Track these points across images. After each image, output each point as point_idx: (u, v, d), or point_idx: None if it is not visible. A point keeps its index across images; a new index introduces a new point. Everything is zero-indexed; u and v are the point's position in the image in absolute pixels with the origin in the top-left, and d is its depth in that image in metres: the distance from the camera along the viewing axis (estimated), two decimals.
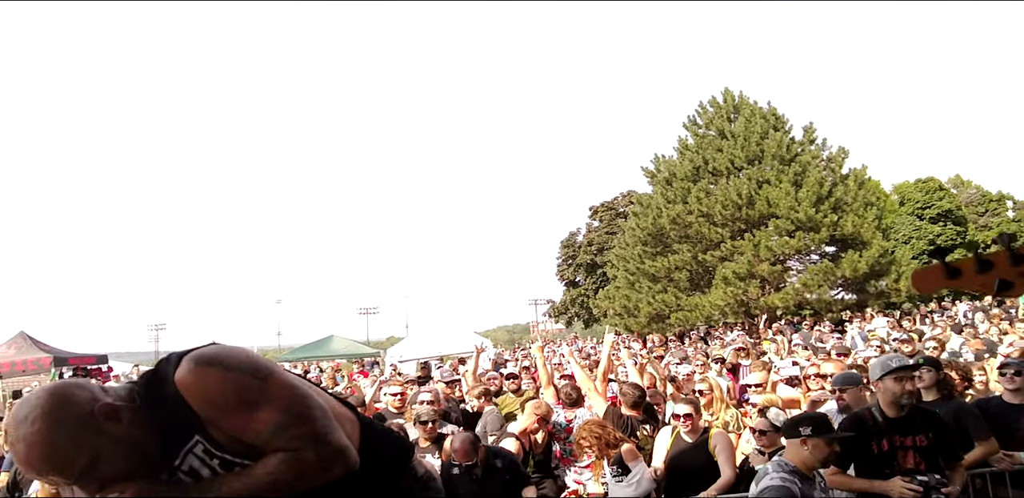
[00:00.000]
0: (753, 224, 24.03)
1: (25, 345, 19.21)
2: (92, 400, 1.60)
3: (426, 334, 24.61)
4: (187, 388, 1.62)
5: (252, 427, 1.64)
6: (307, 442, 1.66)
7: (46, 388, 1.62)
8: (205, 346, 1.74)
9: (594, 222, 48.12)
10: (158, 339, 60.75)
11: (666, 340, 20.70)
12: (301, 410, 1.69)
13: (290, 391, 1.70)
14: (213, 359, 1.65)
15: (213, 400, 1.63)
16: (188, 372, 1.63)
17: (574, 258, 47.80)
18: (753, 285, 23.08)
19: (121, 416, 1.61)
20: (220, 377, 1.63)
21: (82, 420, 1.57)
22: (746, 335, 17.01)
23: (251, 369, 1.67)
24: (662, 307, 25.78)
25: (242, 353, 1.72)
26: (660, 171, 28.27)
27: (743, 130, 25.40)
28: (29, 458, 1.54)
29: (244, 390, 1.64)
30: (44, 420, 1.54)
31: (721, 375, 9.05)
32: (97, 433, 1.57)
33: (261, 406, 1.64)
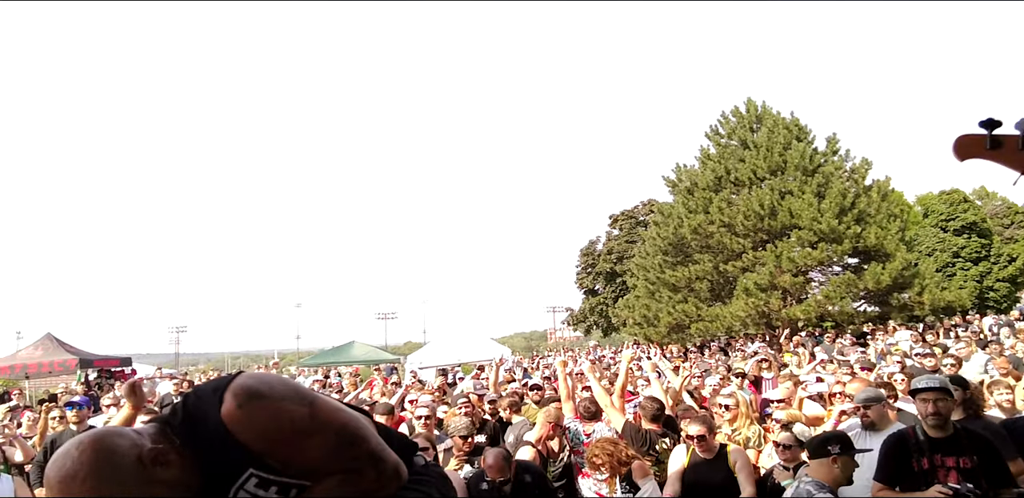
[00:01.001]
0: (775, 235, 23.90)
1: (52, 347, 19.53)
2: (135, 447, 1.55)
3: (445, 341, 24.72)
4: (237, 424, 1.59)
5: (308, 454, 1.64)
6: (365, 462, 1.69)
7: (86, 441, 1.54)
8: (236, 378, 1.69)
9: (614, 231, 48.02)
10: (179, 341, 61.23)
11: (685, 351, 20.64)
12: (353, 432, 1.71)
13: (337, 414, 1.71)
14: (258, 392, 1.61)
15: (266, 434, 1.60)
16: (236, 408, 1.59)
17: (593, 266, 47.70)
18: (775, 296, 22.94)
19: (170, 460, 1.57)
20: (270, 410, 1.60)
21: (131, 470, 1.52)
22: (767, 347, 16.91)
23: (296, 397, 1.65)
24: (682, 317, 25.65)
25: (280, 381, 1.70)
26: (681, 180, 28.18)
27: (766, 140, 25.30)
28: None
29: (296, 420, 1.61)
30: (93, 477, 1.48)
31: (742, 388, 9.03)
32: (148, 482, 1.53)
33: (314, 433, 1.63)
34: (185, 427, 1.62)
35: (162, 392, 13.82)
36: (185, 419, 1.64)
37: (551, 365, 18.53)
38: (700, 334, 25.63)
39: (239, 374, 1.70)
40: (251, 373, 1.71)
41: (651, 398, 5.98)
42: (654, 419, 5.70)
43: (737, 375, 9.62)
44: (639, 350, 24.19)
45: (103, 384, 18.44)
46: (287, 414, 1.60)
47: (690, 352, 20.55)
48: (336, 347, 24.92)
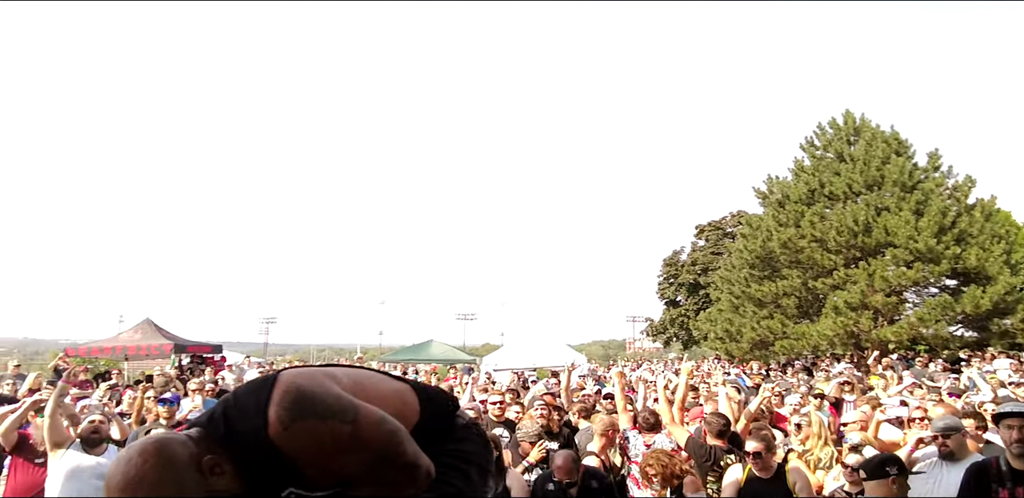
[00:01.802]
0: (869, 252, 22.97)
1: (150, 331, 20.58)
2: (193, 455, 1.60)
3: (521, 345, 24.83)
4: (282, 442, 1.62)
5: (347, 469, 1.70)
6: (400, 475, 1.74)
7: (149, 449, 1.59)
8: (277, 385, 1.70)
9: (700, 241, 47.18)
10: (268, 332, 63.52)
11: (767, 369, 20.06)
12: (393, 448, 1.73)
13: (378, 429, 1.72)
14: (305, 411, 1.63)
15: (310, 452, 1.64)
16: (284, 429, 1.61)
17: (676, 277, 46.97)
18: (865, 316, 22.03)
19: (224, 469, 1.62)
20: (313, 431, 1.62)
21: (191, 479, 1.57)
22: (853, 368, 16.28)
23: (341, 413, 1.66)
24: (766, 334, 24.95)
25: (326, 393, 1.70)
26: (773, 192, 27.45)
27: (863, 154, 24.36)
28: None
29: (339, 439, 1.64)
30: (156, 484, 1.53)
31: (821, 409, 8.75)
32: (206, 490, 1.58)
33: (355, 452, 1.67)
34: (228, 437, 1.65)
35: (248, 379, 14.39)
36: (228, 429, 1.67)
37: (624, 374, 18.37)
38: (784, 352, 24.85)
39: (280, 378, 1.72)
40: (295, 378, 1.71)
41: (718, 413, 5.88)
42: (720, 435, 5.59)
43: (816, 396, 9.32)
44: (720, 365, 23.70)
45: (195, 369, 19.31)
46: (331, 432, 1.62)
47: (771, 370, 19.94)
48: (416, 345, 25.43)
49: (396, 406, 1.92)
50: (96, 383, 13.04)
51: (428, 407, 2.04)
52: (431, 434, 1.99)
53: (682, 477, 4.89)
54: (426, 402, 2.05)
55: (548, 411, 6.75)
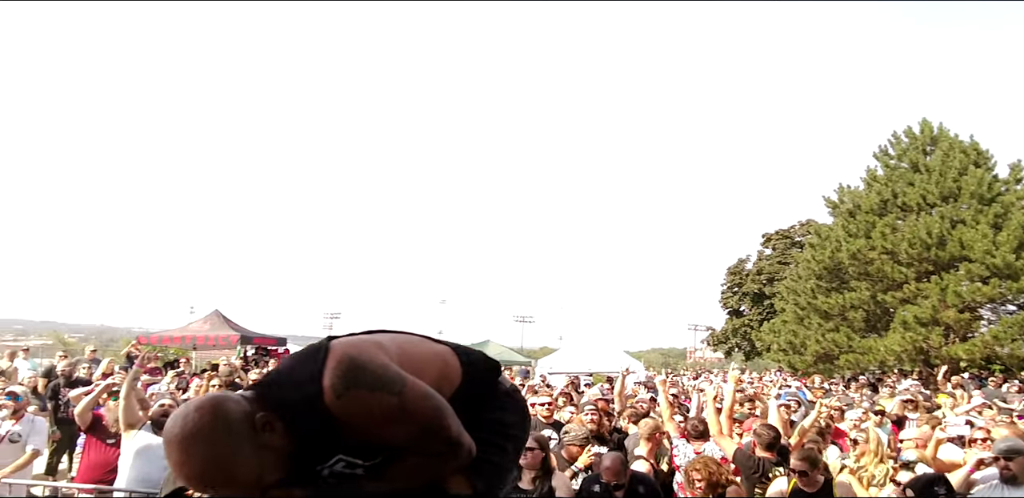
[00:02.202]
0: (942, 266, 22.13)
1: (218, 322, 21.24)
2: (246, 413, 1.67)
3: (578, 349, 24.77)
4: (336, 410, 1.69)
5: (393, 439, 1.79)
6: (443, 449, 1.82)
7: (205, 405, 1.66)
8: (331, 352, 1.77)
9: (766, 250, 46.24)
10: (331, 327, 64.55)
11: (829, 383, 19.52)
12: (437, 422, 1.80)
13: (425, 403, 1.79)
14: (356, 380, 1.70)
15: (360, 420, 1.72)
16: (337, 398, 1.68)
17: (740, 286, 46.13)
18: (936, 332, 21.24)
19: (276, 427, 1.69)
20: (364, 400, 1.70)
21: (244, 435, 1.64)
22: (921, 386, 15.74)
23: (388, 383, 1.73)
24: (831, 347, 24.29)
25: (376, 364, 1.76)
26: (843, 202, 26.70)
27: (939, 164, 23.48)
28: (200, 476, 1.60)
29: (387, 410, 1.71)
30: (210, 437, 1.60)
31: (882, 426, 8.52)
32: (259, 446, 1.65)
33: (402, 423, 1.74)
34: (281, 402, 1.73)
35: None
36: (282, 394, 1.75)
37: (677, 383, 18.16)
38: (849, 366, 24.15)
39: (332, 348, 1.78)
40: (348, 349, 1.78)
41: (767, 425, 5.79)
42: (769, 447, 5.52)
43: (877, 412, 9.09)
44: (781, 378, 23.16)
45: (259, 360, 19.88)
46: (379, 404, 1.70)
47: (832, 383, 19.42)
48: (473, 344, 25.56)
49: (439, 368, 2.00)
50: (165, 370, 13.58)
51: (470, 370, 2.10)
52: (473, 397, 2.07)
53: (726, 486, 4.86)
54: (468, 366, 2.11)
55: (599, 416, 6.75)
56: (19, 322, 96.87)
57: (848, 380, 22.45)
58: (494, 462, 2.06)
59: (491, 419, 2.11)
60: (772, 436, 5.55)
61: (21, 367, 12.19)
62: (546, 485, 5.02)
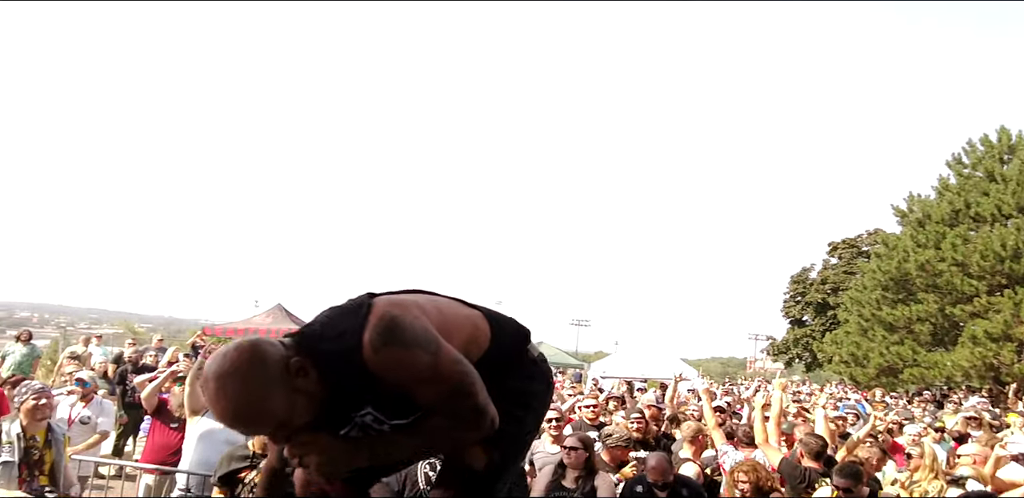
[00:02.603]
0: (1016, 280, 21.22)
1: (280, 316, 21.71)
2: (283, 356, 1.74)
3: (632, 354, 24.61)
4: (372, 365, 1.76)
5: (422, 398, 1.85)
6: (468, 414, 1.85)
7: (244, 346, 1.74)
8: (374, 308, 1.83)
9: (832, 259, 45.08)
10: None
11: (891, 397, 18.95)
12: (465, 387, 1.84)
13: (456, 367, 1.84)
14: (395, 338, 1.76)
15: (393, 375, 1.79)
16: (373, 352, 1.75)
17: (803, 295, 45.08)
18: (1008, 348, 20.39)
19: (310, 373, 1.76)
20: (401, 357, 1.76)
21: (278, 377, 1.70)
22: (989, 404, 15.16)
23: (425, 343, 1.79)
24: (895, 360, 23.60)
25: (415, 324, 1.81)
26: (913, 211, 25.95)
27: (1017, 173, 22.52)
28: (233, 412, 1.68)
29: (420, 369, 1.77)
30: (244, 377, 1.67)
31: (941, 442, 8.28)
32: (292, 389, 1.71)
33: (432, 383, 1.80)
34: (319, 351, 1.80)
35: None
36: (322, 345, 1.81)
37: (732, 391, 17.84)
38: (914, 381, 23.40)
39: (376, 305, 1.85)
40: (390, 307, 1.84)
41: (814, 434, 5.71)
42: (816, 456, 5.43)
43: (937, 429, 8.83)
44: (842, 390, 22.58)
45: None
46: (413, 363, 1.76)
47: (894, 398, 18.83)
48: None
49: (469, 332, 2.05)
50: None
51: (499, 335, 2.14)
52: (499, 363, 2.10)
53: (769, 493, 4.81)
54: (498, 329, 2.15)
55: (644, 422, 6.75)
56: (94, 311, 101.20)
57: (912, 395, 21.75)
58: (512, 434, 2.09)
59: (516, 389, 2.14)
60: (820, 445, 5.46)
61: (94, 353, 12.75)
62: (588, 484, 5.05)
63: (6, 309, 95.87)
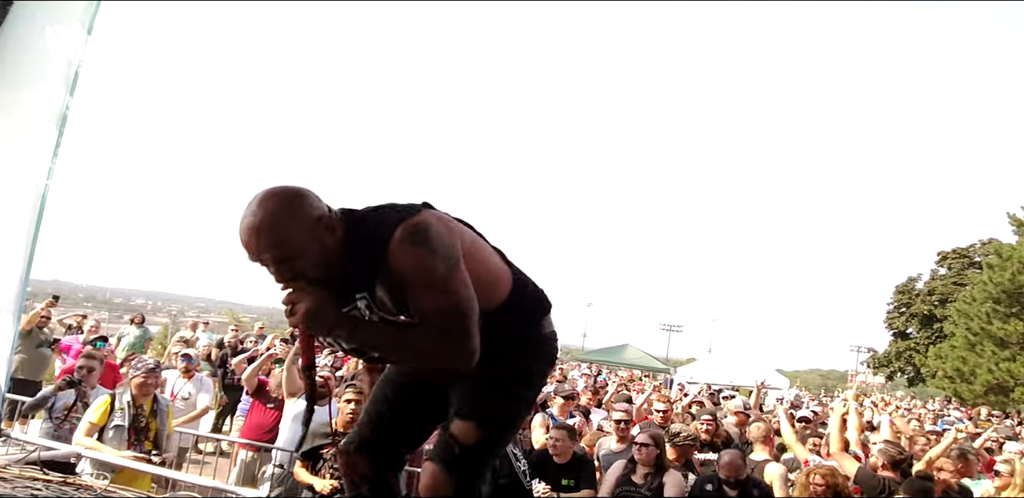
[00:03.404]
0: None
1: None
2: (322, 209, 1.87)
3: (723, 361, 24.13)
4: (392, 256, 1.85)
5: (421, 303, 1.90)
6: (455, 334, 1.88)
7: (295, 185, 1.90)
8: (419, 214, 1.91)
9: (940, 269, 42.93)
10: None
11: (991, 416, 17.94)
12: (463, 309, 1.89)
13: (464, 289, 1.90)
14: (419, 237, 1.85)
15: (406, 273, 1.86)
16: (399, 245, 1.84)
17: (909, 306, 43.07)
18: None
19: (336, 232, 1.88)
20: (421, 258, 1.84)
21: (308, 219, 1.82)
22: None
23: (445, 256, 1.87)
24: (1006, 378, 22.35)
25: (445, 238, 1.90)
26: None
27: None
28: (249, 228, 1.81)
29: (433, 276, 1.85)
30: (280, 204, 1.82)
31: None
32: (311, 236, 1.83)
33: (437, 292, 1.87)
34: (357, 228, 1.92)
35: None
36: (363, 225, 1.93)
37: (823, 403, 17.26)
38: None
39: (423, 211, 1.95)
40: (433, 217, 1.94)
41: (893, 442, 5.56)
42: (895, 465, 5.28)
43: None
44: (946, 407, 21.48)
45: None
46: (430, 267, 1.85)
47: (996, 417, 17.81)
48: (611, 347, 25.64)
49: (488, 282, 2.07)
50: (322, 349, 14.60)
51: (517, 297, 2.18)
52: (508, 321, 2.12)
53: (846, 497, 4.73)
54: (518, 292, 2.19)
55: (714, 425, 6.73)
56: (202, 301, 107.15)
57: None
58: (510, 412, 2.15)
59: (522, 368, 2.17)
60: (899, 452, 5.32)
61: (201, 337, 13.54)
62: (657, 481, 5.09)
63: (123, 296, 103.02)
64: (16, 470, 2.64)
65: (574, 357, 30.89)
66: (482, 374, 2.04)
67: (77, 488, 2.49)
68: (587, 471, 5.36)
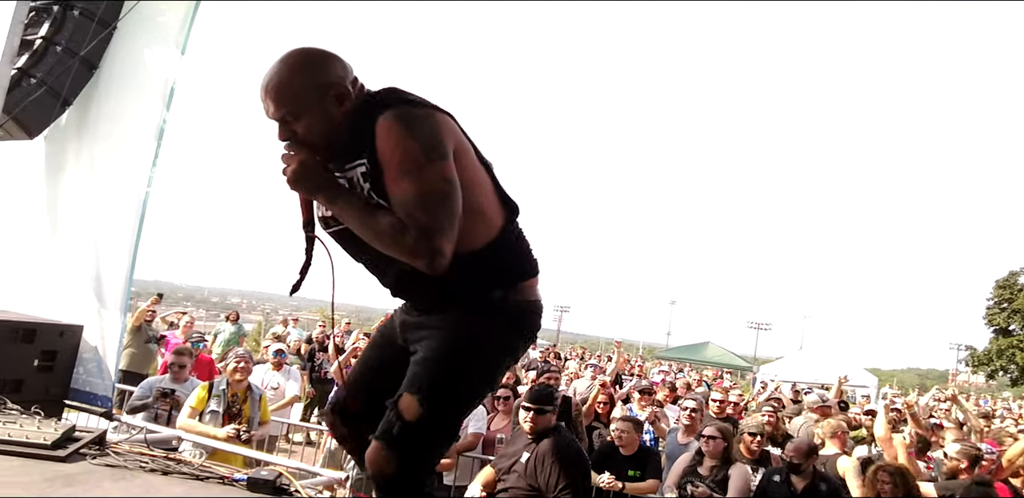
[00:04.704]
0: None
1: None
2: (340, 78, 1.89)
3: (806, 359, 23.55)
4: (377, 130, 1.81)
5: (392, 189, 1.82)
6: (416, 228, 1.76)
7: (322, 50, 1.93)
8: (418, 101, 1.88)
9: None
10: (561, 320, 65.59)
11: None
12: (434, 202, 1.78)
13: (441, 183, 1.79)
14: (408, 120, 1.80)
15: (384, 151, 1.81)
16: (384, 119, 1.80)
17: (1011, 301, 40.85)
18: None
19: (344, 103, 1.89)
20: (400, 138, 1.78)
21: (322, 84, 1.85)
22: None
23: (430, 144, 1.79)
24: None
25: (437, 126, 1.84)
26: None
27: None
28: (266, 82, 1.86)
29: (409, 160, 1.78)
30: (298, 62, 1.87)
31: None
32: (321, 99, 1.86)
33: (410, 179, 1.78)
34: (369, 101, 1.92)
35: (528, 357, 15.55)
36: (374, 99, 1.93)
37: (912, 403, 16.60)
38: None
39: (430, 108, 1.90)
40: (436, 116, 1.89)
41: (970, 443, 5.47)
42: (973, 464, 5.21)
43: None
44: None
45: None
46: (407, 150, 1.78)
47: None
48: (692, 345, 25.41)
49: (471, 211, 1.90)
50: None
51: (500, 246, 2.02)
52: (479, 272, 1.96)
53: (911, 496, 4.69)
54: (505, 239, 2.04)
55: (776, 418, 6.73)
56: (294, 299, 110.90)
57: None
58: (460, 389, 1.95)
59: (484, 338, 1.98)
60: (974, 455, 5.25)
61: (291, 333, 14.22)
62: (722, 473, 5.17)
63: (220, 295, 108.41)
64: (127, 446, 3.00)
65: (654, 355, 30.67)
66: (439, 343, 1.95)
67: (177, 463, 2.82)
68: (653, 463, 5.49)
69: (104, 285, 4.95)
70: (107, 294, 4.95)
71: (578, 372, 11.91)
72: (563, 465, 4.16)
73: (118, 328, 5.00)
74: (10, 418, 2.82)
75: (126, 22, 5.01)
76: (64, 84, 4.88)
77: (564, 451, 4.27)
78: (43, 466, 2.40)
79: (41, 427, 2.69)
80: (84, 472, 2.45)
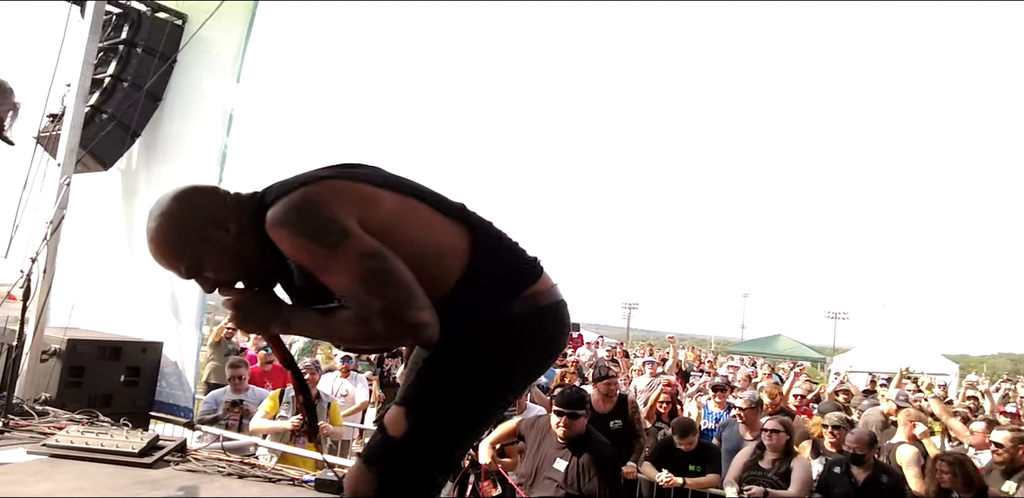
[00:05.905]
0: None
1: None
2: (210, 207, 1.73)
3: (883, 348, 22.88)
4: (273, 240, 1.64)
5: (328, 285, 1.66)
6: (377, 316, 1.59)
7: (177, 190, 1.76)
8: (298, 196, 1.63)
9: None
10: (630, 317, 65.12)
11: None
12: (372, 283, 1.59)
13: (364, 261, 1.59)
14: (287, 219, 1.60)
15: (292, 257, 1.67)
16: (269, 230, 1.63)
17: None
18: None
19: (229, 227, 1.71)
20: (292, 242, 1.61)
21: (194, 226, 1.69)
22: None
23: (321, 233, 1.58)
24: None
25: (317, 206, 1.61)
26: None
27: None
28: (151, 250, 1.72)
29: (317, 258, 1.61)
30: (161, 220, 1.69)
31: None
32: (204, 240, 1.69)
33: (333, 273, 1.61)
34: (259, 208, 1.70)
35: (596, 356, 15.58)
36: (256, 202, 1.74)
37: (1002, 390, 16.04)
38: None
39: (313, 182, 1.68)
40: (320, 188, 1.67)
41: None
42: None
43: None
44: None
45: None
46: (305, 249, 1.61)
47: None
48: (762, 338, 25.06)
49: (429, 256, 1.71)
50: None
51: (480, 267, 1.76)
52: (471, 304, 1.74)
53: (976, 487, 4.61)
54: (483, 258, 1.77)
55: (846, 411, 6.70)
56: None
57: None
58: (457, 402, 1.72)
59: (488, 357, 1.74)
60: None
61: None
62: (784, 466, 5.16)
63: None
64: (206, 453, 3.28)
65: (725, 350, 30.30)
66: (439, 355, 1.74)
67: (252, 467, 3.07)
68: (713, 458, 5.53)
69: (180, 303, 5.32)
70: (183, 311, 5.31)
71: (641, 369, 11.97)
72: (607, 474, 4.26)
73: (195, 343, 5.35)
74: (102, 429, 3.17)
75: (185, 54, 5.37)
76: (132, 117, 5.26)
77: (607, 460, 4.36)
78: (132, 472, 2.74)
79: (129, 437, 3.02)
80: (168, 477, 2.78)
